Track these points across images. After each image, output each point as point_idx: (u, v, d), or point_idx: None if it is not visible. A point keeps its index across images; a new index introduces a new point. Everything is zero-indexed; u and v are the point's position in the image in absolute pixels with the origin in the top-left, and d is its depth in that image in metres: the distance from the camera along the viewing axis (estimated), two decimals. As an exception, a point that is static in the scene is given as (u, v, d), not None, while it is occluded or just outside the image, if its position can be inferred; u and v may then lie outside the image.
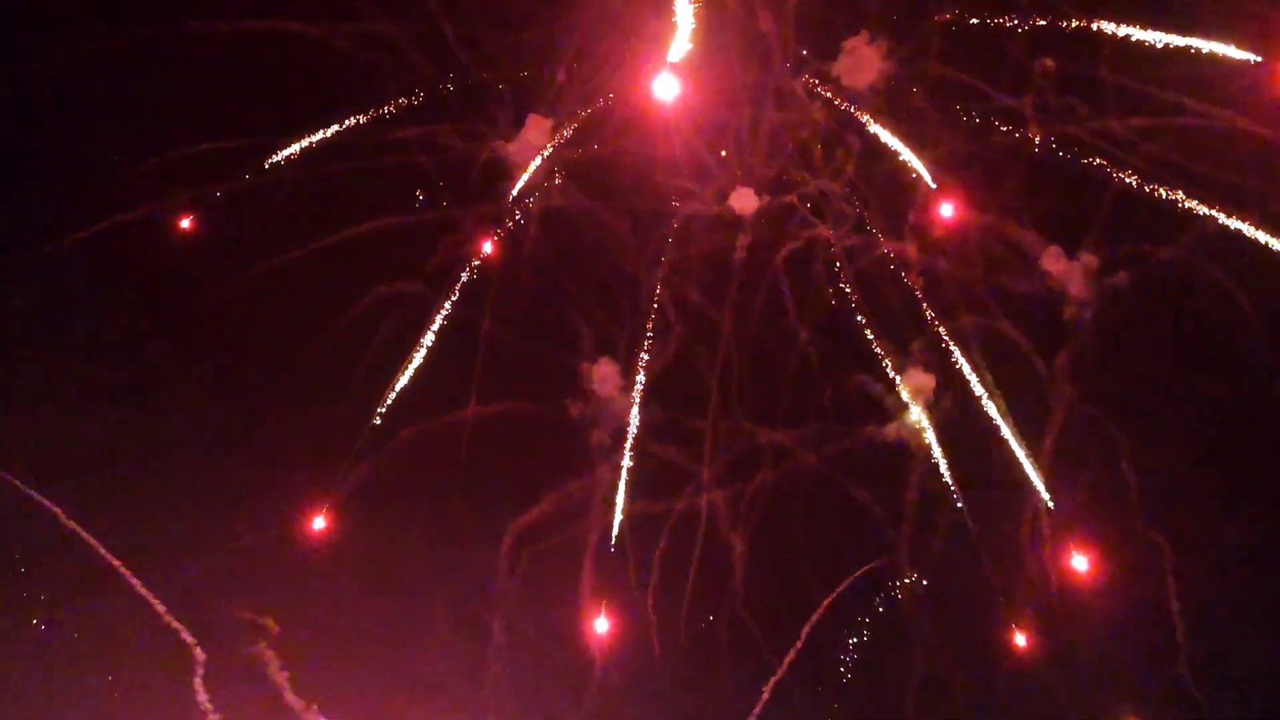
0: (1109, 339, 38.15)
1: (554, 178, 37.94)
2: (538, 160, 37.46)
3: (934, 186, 37.94)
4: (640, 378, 37.10)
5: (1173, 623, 36.60)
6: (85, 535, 34.93)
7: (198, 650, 35.35)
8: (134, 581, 35.26)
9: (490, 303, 37.31)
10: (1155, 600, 36.71)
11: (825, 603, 37.60)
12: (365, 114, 36.61)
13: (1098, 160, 37.49)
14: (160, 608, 35.20)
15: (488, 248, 37.61)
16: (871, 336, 38.36)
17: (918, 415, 38.06)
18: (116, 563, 35.04)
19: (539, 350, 37.42)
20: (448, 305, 37.02)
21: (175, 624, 35.38)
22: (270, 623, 35.63)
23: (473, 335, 37.12)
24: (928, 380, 38.19)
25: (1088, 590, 37.20)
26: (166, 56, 35.32)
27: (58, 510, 35.01)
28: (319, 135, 36.61)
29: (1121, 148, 37.47)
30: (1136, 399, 37.70)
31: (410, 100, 36.80)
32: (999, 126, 38.07)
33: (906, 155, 38.09)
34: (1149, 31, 36.20)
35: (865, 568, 38.14)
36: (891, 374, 38.17)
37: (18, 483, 34.90)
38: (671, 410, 37.32)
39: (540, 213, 37.80)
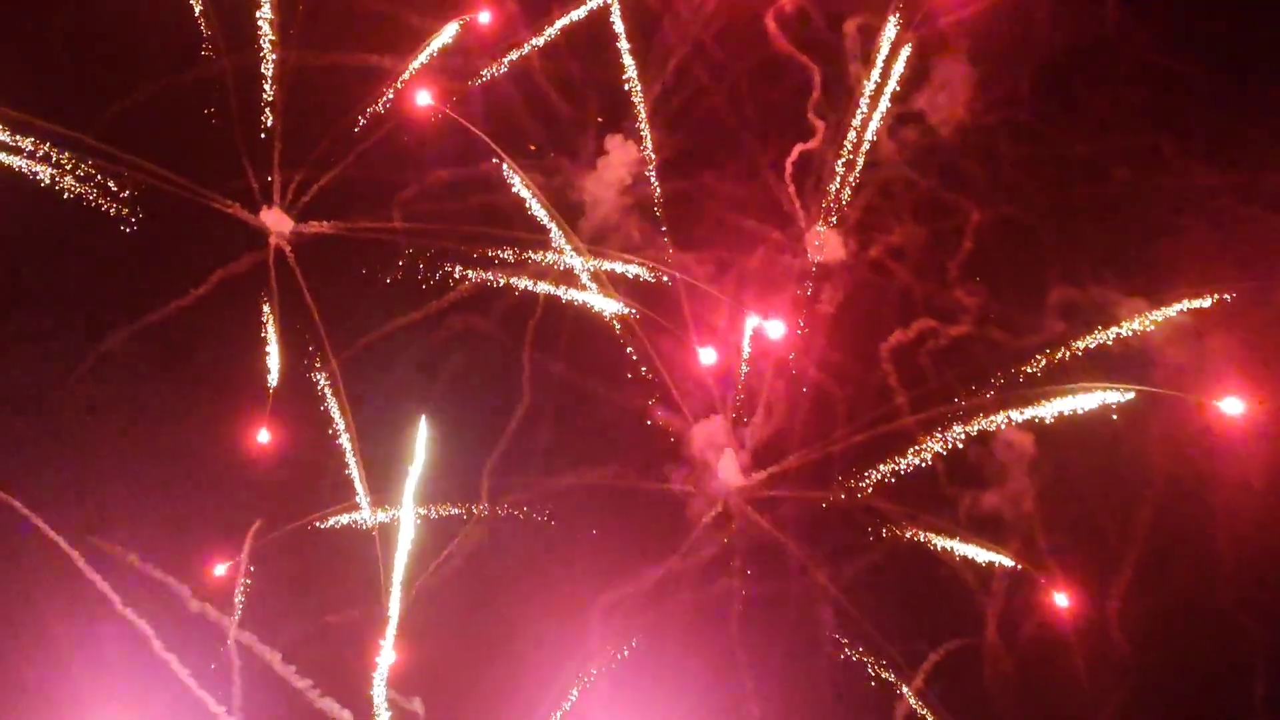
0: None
1: (632, 216, 36.62)
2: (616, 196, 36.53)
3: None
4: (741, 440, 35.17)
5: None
6: (211, 609, 33.33)
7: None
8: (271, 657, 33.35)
9: (564, 349, 35.69)
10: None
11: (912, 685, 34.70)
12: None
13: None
14: (305, 682, 33.18)
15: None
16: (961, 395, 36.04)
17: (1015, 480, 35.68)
18: (250, 636, 33.15)
19: (626, 405, 35.44)
20: (525, 350, 35.58)
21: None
22: (419, 705, 33.13)
23: (552, 385, 35.58)
24: (1026, 439, 35.99)
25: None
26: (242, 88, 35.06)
27: (173, 580, 33.63)
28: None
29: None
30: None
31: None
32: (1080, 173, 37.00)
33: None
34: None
35: (945, 647, 35.41)
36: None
37: (124, 550, 33.76)
38: (771, 477, 35.21)
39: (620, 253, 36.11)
